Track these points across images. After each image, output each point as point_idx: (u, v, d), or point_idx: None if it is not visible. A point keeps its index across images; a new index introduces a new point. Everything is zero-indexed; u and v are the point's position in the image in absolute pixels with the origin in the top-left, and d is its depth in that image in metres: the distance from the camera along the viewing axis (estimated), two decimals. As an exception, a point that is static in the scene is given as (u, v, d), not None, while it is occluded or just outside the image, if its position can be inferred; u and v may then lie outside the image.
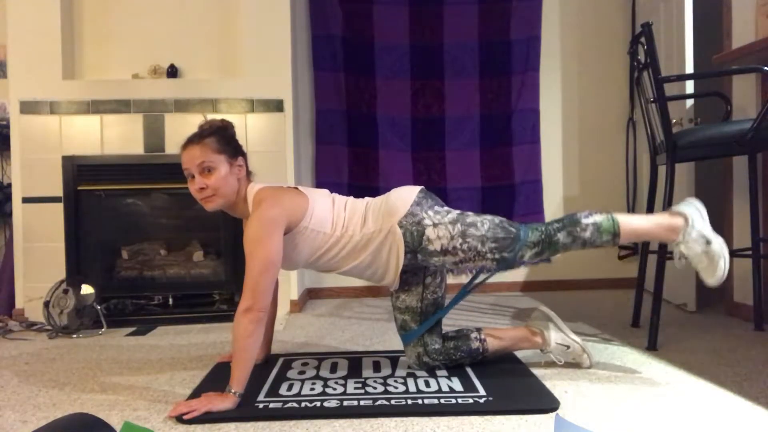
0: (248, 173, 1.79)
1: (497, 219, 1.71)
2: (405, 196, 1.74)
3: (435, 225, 1.68)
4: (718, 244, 1.63)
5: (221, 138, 1.71)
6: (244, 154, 1.77)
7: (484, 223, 1.68)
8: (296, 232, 1.68)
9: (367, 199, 1.82)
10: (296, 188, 1.77)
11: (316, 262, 1.76)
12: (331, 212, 1.73)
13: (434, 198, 1.78)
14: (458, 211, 1.73)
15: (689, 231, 1.64)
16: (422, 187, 1.80)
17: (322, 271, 1.82)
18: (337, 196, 1.81)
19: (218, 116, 1.84)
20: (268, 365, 1.92)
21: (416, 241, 1.68)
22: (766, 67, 1.97)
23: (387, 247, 1.71)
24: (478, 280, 1.86)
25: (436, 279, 1.84)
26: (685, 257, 1.65)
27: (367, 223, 1.72)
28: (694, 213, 1.67)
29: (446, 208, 1.75)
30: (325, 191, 1.82)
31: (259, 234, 1.58)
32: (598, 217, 1.66)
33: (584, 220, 1.66)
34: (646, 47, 2.13)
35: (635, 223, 1.66)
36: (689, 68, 2.64)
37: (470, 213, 1.73)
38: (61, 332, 2.53)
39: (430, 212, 1.71)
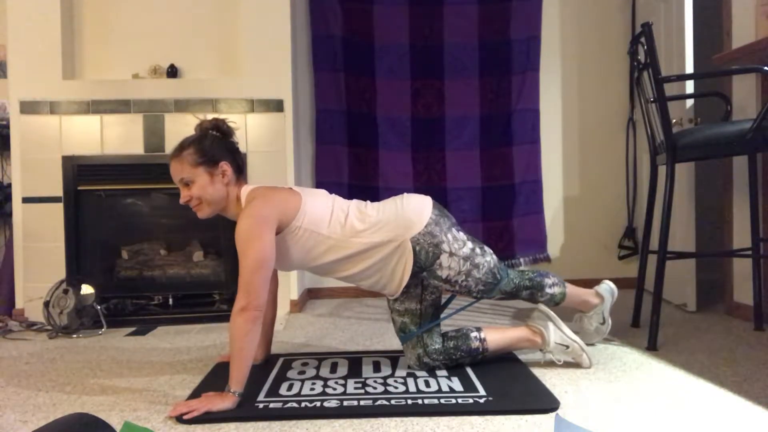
0: (239, 175, 1.77)
1: (493, 262, 1.82)
2: (420, 210, 1.74)
3: (451, 254, 1.73)
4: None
5: (198, 149, 1.70)
6: (229, 158, 1.74)
7: (484, 266, 1.79)
8: (288, 232, 1.67)
9: (373, 204, 1.80)
10: (290, 189, 1.76)
11: (311, 264, 1.75)
12: (328, 213, 1.71)
13: (448, 215, 1.81)
14: (471, 245, 1.78)
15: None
16: (431, 198, 1.81)
17: (320, 274, 1.81)
18: (338, 199, 1.79)
19: (219, 116, 1.83)
20: (268, 365, 1.92)
21: (429, 261, 1.72)
22: (766, 67, 1.97)
23: (395, 260, 1.71)
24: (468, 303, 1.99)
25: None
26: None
27: (377, 232, 1.70)
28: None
29: (462, 234, 1.79)
30: (324, 192, 1.81)
31: (250, 233, 1.57)
32: (557, 290, 1.96)
33: (548, 289, 1.94)
34: (646, 47, 2.13)
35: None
36: (689, 68, 2.64)
37: (478, 250, 1.79)
38: (61, 332, 2.53)
39: (449, 236, 1.74)
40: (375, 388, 1.66)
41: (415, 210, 1.74)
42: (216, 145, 1.73)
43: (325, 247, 1.70)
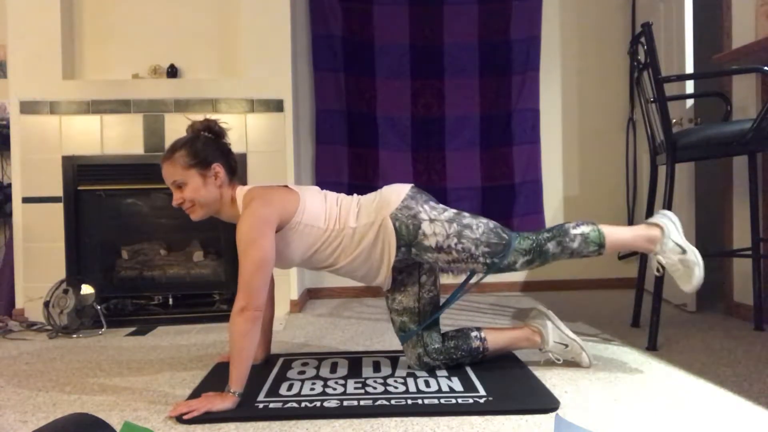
0: (232, 176, 1.77)
1: (491, 224, 1.73)
2: (397, 189, 1.75)
3: (432, 220, 1.69)
4: (692, 253, 1.70)
5: (189, 151, 1.69)
6: (221, 160, 1.73)
7: (479, 227, 1.70)
8: (288, 228, 1.68)
9: (358, 196, 1.82)
10: (286, 186, 1.77)
11: (310, 259, 1.75)
12: (323, 207, 1.73)
13: (427, 194, 1.79)
14: (454, 211, 1.74)
15: (665, 241, 1.72)
16: (413, 184, 1.81)
17: (317, 269, 1.81)
18: (328, 193, 1.80)
19: (211, 117, 1.82)
20: (268, 365, 1.92)
21: (411, 234, 1.68)
22: (766, 67, 1.97)
23: (380, 242, 1.71)
24: (472, 281, 1.89)
25: (430, 277, 1.84)
26: (663, 266, 1.74)
27: (360, 217, 1.72)
28: (669, 224, 1.75)
29: (441, 205, 1.76)
30: (316, 188, 1.82)
31: (251, 233, 1.57)
32: (585, 228, 1.73)
33: (573, 231, 1.72)
34: (646, 47, 2.13)
35: (618, 234, 1.74)
36: (689, 68, 2.64)
37: (466, 214, 1.74)
38: (61, 332, 2.53)
39: (426, 207, 1.72)
40: (375, 388, 1.66)
41: (392, 190, 1.75)
42: (208, 147, 1.73)
43: (323, 240, 1.71)
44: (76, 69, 2.98)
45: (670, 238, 1.72)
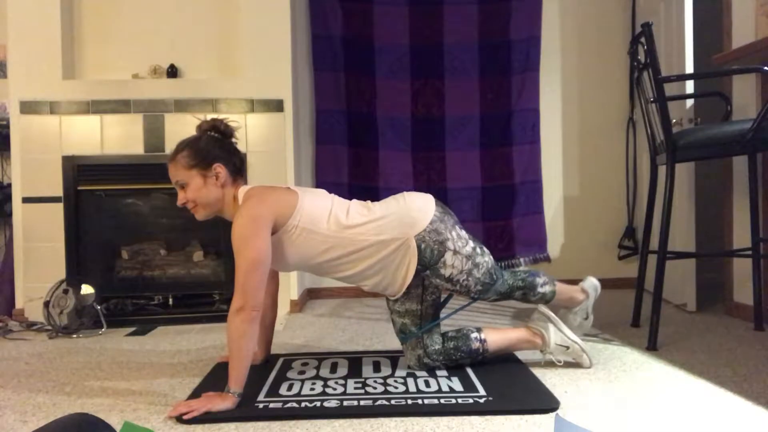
0: (237, 176, 1.76)
1: (491, 263, 1.84)
2: (424, 208, 1.74)
3: (455, 252, 1.73)
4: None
5: (192, 152, 1.70)
6: (224, 159, 1.72)
7: (483, 266, 1.79)
8: (284, 231, 1.66)
9: (375, 203, 1.79)
10: (288, 188, 1.74)
11: (310, 263, 1.73)
12: (327, 212, 1.69)
13: (452, 215, 1.81)
14: (473, 244, 1.79)
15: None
16: (432, 196, 1.81)
17: (320, 274, 1.79)
18: (338, 198, 1.78)
19: (219, 116, 1.82)
20: (268, 365, 1.92)
21: (434, 259, 1.71)
22: (766, 67, 1.97)
23: (398, 259, 1.70)
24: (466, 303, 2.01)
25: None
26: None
27: (381, 230, 1.69)
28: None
29: (464, 232, 1.79)
30: (324, 192, 1.80)
31: (245, 232, 1.57)
32: (548, 289, 1.97)
33: (539, 289, 1.95)
34: (646, 47, 2.13)
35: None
36: (689, 68, 2.64)
37: (479, 249, 1.80)
38: (61, 332, 2.53)
39: (454, 234, 1.75)
40: (375, 388, 1.66)
41: (419, 208, 1.73)
42: (210, 147, 1.72)
43: (324, 246, 1.69)
44: (76, 69, 2.98)
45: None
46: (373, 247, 1.69)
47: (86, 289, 2.63)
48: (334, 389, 1.65)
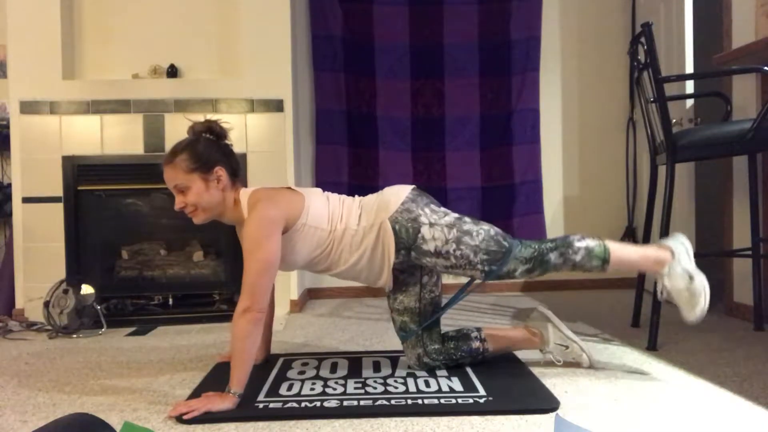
0: (235, 179, 1.74)
1: (493, 230, 1.70)
2: (398, 191, 1.74)
3: (431, 225, 1.67)
4: (701, 282, 1.65)
5: (191, 155, 1.66)
6: (223, 162, 1.70)
7: (480, 233, 1.67)
8: (294, 230, 1.67)
9: (359, 197, 1.81)
10: (290, 188, 1.76)
11: (313, 261, 1.74)
12: (326, 209, 1.72)
13: (429, 196, 1.78)
14: (456, 215, 1.72)
15: (674, 266, 1.67)
16: (414, 185, 1.80)
17: (319, 272, 1.80)
18: (329, 194, 1.80)
19: (212, 117, 1.81)
20: (268, 365, 1.92)
21: (411, 237, 1.67)
22: (766, 67, 1.97)
23: (380, 244, 1.70)
24: (471, 286, 1.88)
25: (432, 278, 1.84)
26: (668, 290, 1.68)
27: (362, 219, 1.71)
28: (681, 249, 1.69)
29: (443, 208, 1.74)
30: (318, 190, 1.81)
31: (258, 235, 1.57)
32: (590, 242, 1.68)
33: (577, 243, 1.68)
34: (646, 47, 2.13)
35: (625, 252, 1.69)
36: (689, 68, 2.64)
37: (467, 219, 1.71)
38: (61, 332, 2.53)
39: (427, 210, 1.70)
40: (375, 388, 1.66)
41: (392, 192, 1.74)
42: (210, 150, 1.70)
43: (328, 242, 1.71)
44: (76, 69, 2.98)
45: (680, 264, 1.67)
46: (359, 236, 1.70)
47: (86, 289, 2.63)
48: (334, 389, 1.65)
